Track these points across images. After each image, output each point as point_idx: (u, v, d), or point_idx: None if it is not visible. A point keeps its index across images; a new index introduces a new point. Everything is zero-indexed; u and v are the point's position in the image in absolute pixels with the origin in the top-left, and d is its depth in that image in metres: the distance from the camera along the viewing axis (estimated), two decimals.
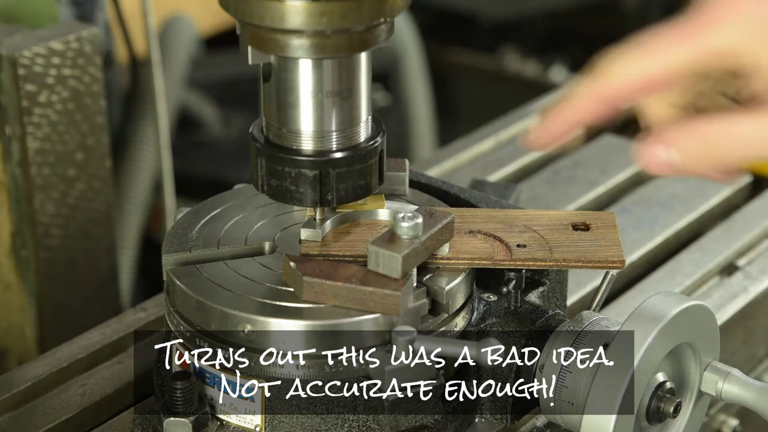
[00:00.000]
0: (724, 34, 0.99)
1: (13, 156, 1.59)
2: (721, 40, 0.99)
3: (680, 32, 1.00)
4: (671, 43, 1.00)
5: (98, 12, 2.05)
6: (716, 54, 1.00)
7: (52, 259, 1.63)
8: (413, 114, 2.84)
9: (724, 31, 0.99)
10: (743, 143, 1.01)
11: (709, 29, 0.99)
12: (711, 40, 0.99)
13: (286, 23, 1.10)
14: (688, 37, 1.00)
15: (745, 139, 1.00)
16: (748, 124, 1.00)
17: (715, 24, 0.99)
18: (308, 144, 1.16)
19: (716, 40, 0.99)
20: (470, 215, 1.25)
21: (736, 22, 0.98)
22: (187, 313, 1.17)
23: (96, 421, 1.27)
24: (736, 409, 1.48)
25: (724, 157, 1.02)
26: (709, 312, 1.18)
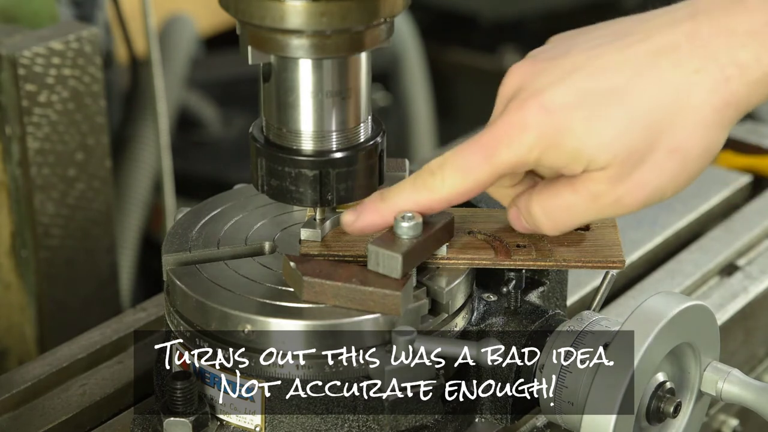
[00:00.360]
0: (522, 146, 1.09)
1: (13, 156, 1.59)
2: (520, 155, 1.10)
3: (487, 149, 1.11)
4: (480, 163, 1.11)
5: (98, 12, 2.04)
6: (518, 165, 1.11)
7: (52, 259, 1.63)
8: (413, 114, 2.84)
9: (521, 145, 1.09)
10: (566, 213, 1.13)
11: (509, 144, 1.10)
12: (510, 156, 1.10)
13: (286, 23, 1.10)
14: (494, 154, 1.11)
15: (566, 209, 1.13)
16: (565, 197, 1.12)
17: (513, 138, 1.10)
18: (308, 144, 1.16)
19: (515, 156, 1.10)
20: (470, 215, 1.25)
21: (530, 132, 1.09)
22: (187, 313, 1.17)
23: (96, 421, 1.27)
24: (736, 409, 1.48)
25: (554, 225, 1.14)
26: (709, 312, 1.18)
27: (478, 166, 1.11)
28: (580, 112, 1.08)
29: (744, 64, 1.07)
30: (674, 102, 1.08)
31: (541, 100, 1.09)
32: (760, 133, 1.77)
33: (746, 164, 1.72)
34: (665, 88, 1.08)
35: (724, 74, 1.07)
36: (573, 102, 1.08)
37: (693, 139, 1.09)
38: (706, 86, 1.07)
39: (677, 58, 1.08)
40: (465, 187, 1.13)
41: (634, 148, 1.08)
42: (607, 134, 1.08)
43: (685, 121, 1.08)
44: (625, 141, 1.08)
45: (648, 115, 1.08)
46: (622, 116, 1.08)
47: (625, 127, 1.08)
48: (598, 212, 1.12)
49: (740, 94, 1.08)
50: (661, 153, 1.09)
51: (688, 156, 1.09)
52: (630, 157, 1.08)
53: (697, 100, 1.08)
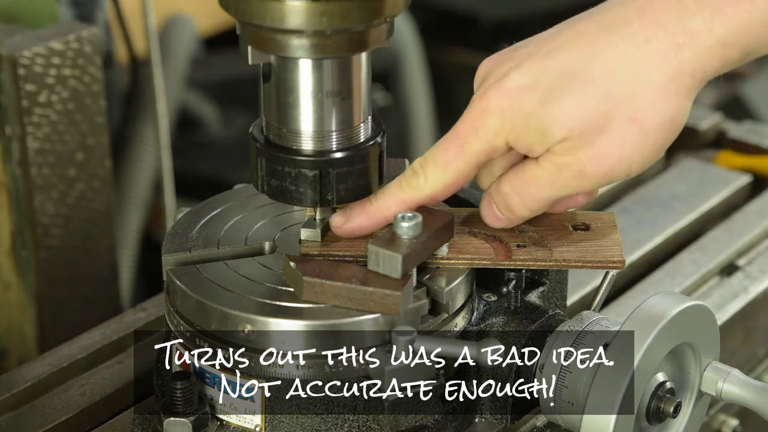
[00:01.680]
0: (488, 133, 1.13)
1: (13, 156, 1.59)
2: (490, 142, 1.14)
3: (459, 142, 1.15)
4: (455, 156, 1.15)
5: (98, 12, 2.04)
6: (491, 150, 1.15)
7: (52, 259, 1.63)
8: (413, 114, 2.83)
9: (487, 131, 1.13)
10: (532, 185, 1.15)
11: (476, 133, 1.14)
12: (482, 145, 1.14)
13: (286, 23, 1.10)
14: (465, 146, 1.15)
15: (532, 181, 1.15)
16: (531, 170, 1.15)
17: (478, 126, 1.14)
18: (308, 144, 1.16)
19: (486, 144, 1.14)
20: (470, 215, 1.25)
21: (492, 117, 1.13)
22: (187, 313, 1.17)
23: (96, 421, 1.27)
24: (736, 409, 1.48)
25: (522, 201, 1.17)
26: (709, 312, 1.18)
27: (454, 159, 1.15)
28: (536, 91, 1.12)
29: (695, 31, 1.10)
30: (627, 72, 1.11)
31: (500, 85, 1.13)
32: (760, 133, 1.77)
33: (746, 164, 1.72)
34: (617, 59, 1.11)
35: (676, 42, 1.10)
36: (529, 83, 1.12)
37: (649, 107, 1.11)
38: (658, 55, 1.10)
39: (628, 31, 1.11)
40: (446, 181, 1.16)
41: (591, 119, 1.11)
42: (563, 108, 1.11)
43: (640, 90, 1.11)
44: (581, 113, 1.11)
45: (601, 86, 1.11)
46: (575, 90, 1.11)
47: (579, 100, 1.11)
48: (563, 184, 1.14)
49: (694, 62, 1.10)
50: (619, 123, 1.11)
51: (647, 125, 1.11)
52: (588, 129, 1.11)
53: (650, 69, 1.10)
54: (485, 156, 1.15)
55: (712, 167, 1.71)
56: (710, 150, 1.77)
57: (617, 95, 1.11)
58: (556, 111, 1.11)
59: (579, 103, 1.11)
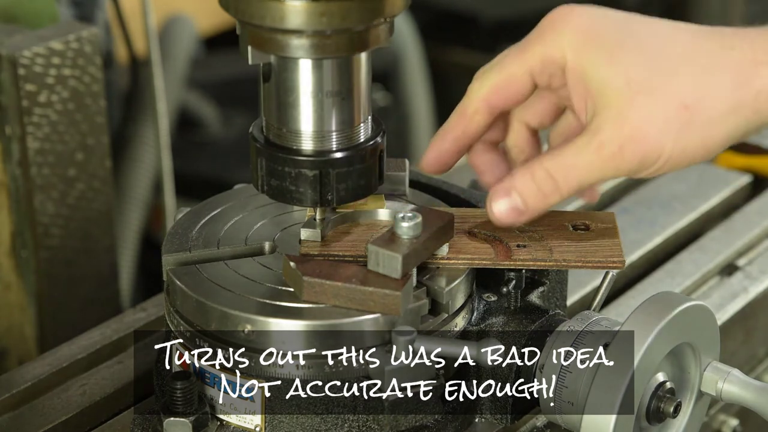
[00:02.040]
0: (553, 43, 1.12)
1: (13, 156, 1.59)
2: (550, 48, 1.13)
3: (522, 46, 1.15)
4: (513, 56, 1.15)
5: (98, 12, 2.04)
6: (548, 61, 1.13)
7: (52, 259, 1.63)
8: (413, 114, 2.84)
9: (553, 42, 1.12)
10: (577, 173, 1.12)
11: (542, 40, 1.13)
12: (542, 49, 1.13)
13: (286, 23, 1.10)
14: (526, 49, 1.14)
15: (578, 168, 1.12)
16: (576, 154, 1.12)
17: (548, 35, 1.13)
18: (308, 144, 1.16)
19: (547, 49, 1.13)
20: (470, 215, 1.25)
21: (565, 32, 1.12)
22: (187, 313, 1.17)
23: (96, 421, 1.27)
24: (736, 409, 1.48)
25: (561, 189, 1.13)
26: (709, 312, 1.18)
27: (511, 60, 1.15)
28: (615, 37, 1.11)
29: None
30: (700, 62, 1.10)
31: (588, 13, 1.13)
32: (761, 133, 1.77)
33: (746, 164, 1.72)
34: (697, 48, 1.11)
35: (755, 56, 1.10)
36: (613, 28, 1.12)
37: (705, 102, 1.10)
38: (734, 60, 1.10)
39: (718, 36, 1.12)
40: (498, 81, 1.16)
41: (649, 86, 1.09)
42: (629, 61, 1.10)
43: (704, 82, 1.10)
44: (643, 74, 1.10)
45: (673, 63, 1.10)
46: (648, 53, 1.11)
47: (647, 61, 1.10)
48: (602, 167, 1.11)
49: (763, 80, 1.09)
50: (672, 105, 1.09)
51: (694, 120, 1.10)
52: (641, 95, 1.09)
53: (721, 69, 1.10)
54: (541, 64, 1.13)
55: (712, 167, 1.71)
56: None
57: (682, 77, 1.09)
58: (624, 61, 1.10)
59: (646, 65, 1.09)
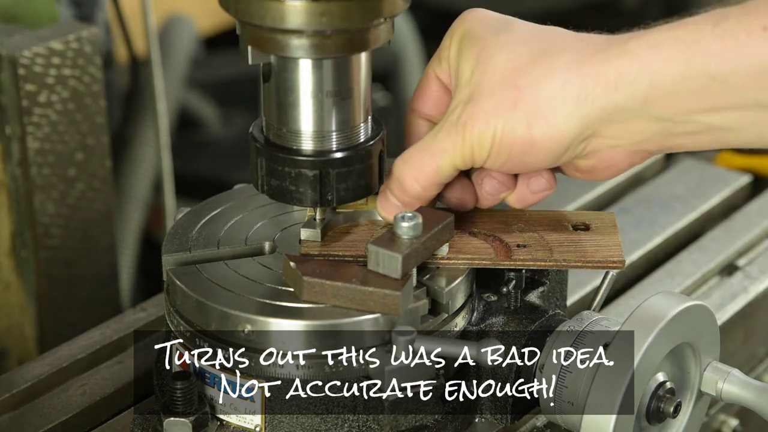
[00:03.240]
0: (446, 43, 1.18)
1: (13, 156, 1.59)
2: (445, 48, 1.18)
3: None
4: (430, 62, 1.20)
5: (98, 12, 2.04)
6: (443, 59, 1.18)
7: (52, 259, 1.63)
8: None
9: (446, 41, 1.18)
10: (442, 154, 1.15)
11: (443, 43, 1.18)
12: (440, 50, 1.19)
13: (286, 23, 1.10)
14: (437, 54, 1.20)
15: (433, 150, 1.16)
16: (433, 136, 1.16)
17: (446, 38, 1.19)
18: (308, 144, 1.16)
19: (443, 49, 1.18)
20: (470, 215, 1.25)
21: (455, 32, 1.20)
22: (187, 313, 1.17)
23: (96, 421, 1.27)
24: (736, 409, 1.48)
25: (433, 171, 1.16)
26: (709, 312, 1.18)
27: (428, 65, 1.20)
28: (487, 33, 1.18)
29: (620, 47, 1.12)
30: (548, 50, 1.16)
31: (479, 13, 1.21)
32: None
33: (746, 164, 1.72)
34: (551, 38, 1.20)
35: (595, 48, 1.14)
36: (490, 28, 1.19)
37: (535, 85, 1.12)
38: (577, 51, 1.15)
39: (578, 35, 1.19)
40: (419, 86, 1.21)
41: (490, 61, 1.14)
42: (486, 53, 1.15)
43: (542, 68, 1.13)
44: (489, 55, 1.15)
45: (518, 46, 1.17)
46: (502, 44, 1.16)
47: (515, 52, 1.16)
48: (444, 140, 1.15)
49: (599, 73, 1.11)
50: (506, 85, 1.13)
51: (527, 98, 1.12)
52: (482, 69, 1.14)
53: (563, 60, 1.14)
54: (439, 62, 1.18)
55: (712, 167, 1.71)
56: (710, 150, 1.77)
57: (521, 59, 1.14)
58: (486, 50, 1.15)
59: (496, 50, 1.15)
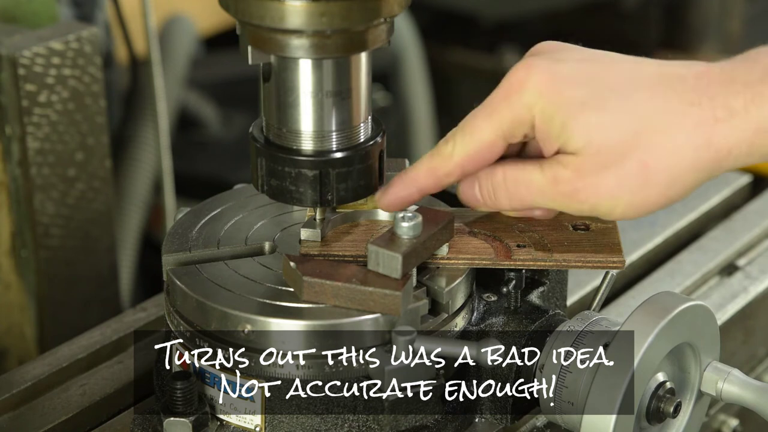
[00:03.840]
0: (520, 105, 1.13)
1: (13, 156, 1.59)
2: (518, 111, 1.13)
3: (490, 110, 1.15)
4: (483, 122, 1.15)
5: (98, 12, 2.04)
6: (516, 123, 1.14)
7: (52, 259, 1.63)
8: (413, 114, 2.83)
9: (519, 104, 1.13)
10: (524, 188, 1.15)
11: (509, 103, 1.13)
12: (510, 113, 1.14)
13: (286, 23, 1.10)
14: (494, 114, 1.14)
15: (526, 184, 1.15)
16: (530, 172, 1.14)
17: (513, 97, 1.13)
18: (308, 144, 1.16)
19: (514, 113, 1.13)
20: (470, 215, 1.25)
21: (529, 93, 1.12)
22: (187, 313, 1.17)
23: (96, 421, 1.27)
24: (736, 409, 1.48)
25: (509, 196, 1.16)
26: (709, 312, 1.18)
27: (481, 126, 1.15)
28: (581, 91, 1.11)
29: (733, 109, 1.09)
30: (663, 122, 1.10)
31: (550, 66, 1.13)
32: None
33: None
34: (661, 106, 1.11)
35: (714, 114, 1.10)
36: (578, 80, 1.12)
37: (664, 162, 1.11)
38: (695, 119, 1.10)
39: (681, 87, 1.11)
40: (472, 149, 1.15)
41: (612, 145, 1.10)
42: (595, 120, 1.11)
43: (665, 143, 1.10)
44: (608, 134, 1.10)
45: (637, 122, 1.10)
46: (614, 111, 1.11)
47: (613, 121, 1.11)
48: (552, 198, 1.14)
49: (723, 139, 1.10)
50: (632, 162, 1.11)
51: (653, 178, 1.11)
52: (603, 152, 1.11)
53: (682, 129, 1.10)
54: (510, 127, 1.14)
55: None
56: None
57: (644, 137, 1.10)
58: (589, 119, 1.10)
59: (610, 124, 1.10)
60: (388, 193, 1.19)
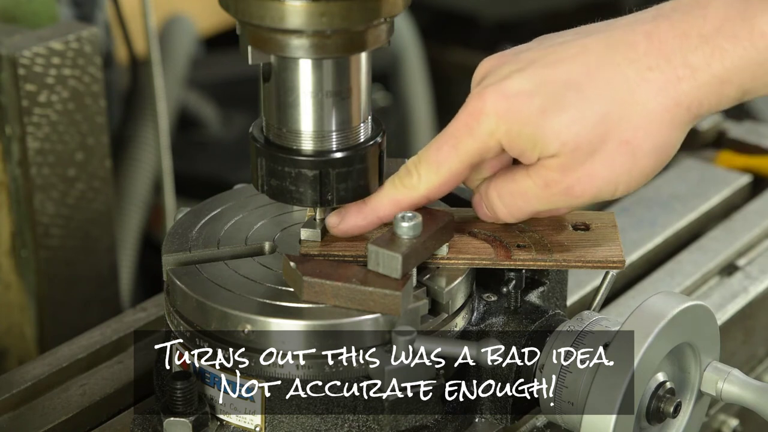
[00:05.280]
0: (483, 134, 1.13)
1: (13, 156, 1.59)
2: (481, 140, 1.14)
3: (453, 141, 1.15)
4: (448, 155, 1.15)
5: (98, 12, 2.04)
6: (483, 151, 1.14)
7: (52, 259, 1.63)
8: (413, 114, 2.83)
9: (482, 132, 1.13)
10: (520, 199, 1.16)
11: (470, 133, 1.14)
12: (473, 143, 1.14)
13: (286, 23, 1.10)
14: (459, 146, 1.15)
15: (520, 195, 1.16)
16: (520, 183, 1.15)
17: (474, 127, 1.13)
18: (308, 144, 1.16)
19: (478, 142, 1.14)
20: (470, 215, 1.25)
21: (489, 121, 1.13)
22: (187, 313, 1.17)
23: (96, 421, 1.27)
24: (736, 409, 1.48)
25: (508, 210, 1.17)
26: (709, 312, 1.18)
27: (447, 158, 1.16)
28: (536, 99, 1.12)
29: (694, 65, 1.10)
30: (626, 96, 1.11)
31: (499, 87, 1.13)
32: (760, 133, 1.77)
33: (746, 164, 1.72)
34: (619, 81, 1.11)
35: (676, 74, 1.10)
36: (530, 89, 1.12)
37: (643, 133, 1.11)
38: (658, 84, 1.11)
39: (633, 55, 1.12)
40: (440, 180, 1.16)
41: (586, 137, 1.11)
42: (560, 122, 1.11)
43: (636, 116, 1.11)
44: (578, 129, 1.11)
45: (601, 107, 1.11)
46: (575, 105, 1.11)
47: (578, 116, 1.11)
48: (549, 200, 1.15)
49: (691, 95, 1.11)
50: (612, 144, 1.11)
51: (638, 150, 1.12)
52: (581, 147, 1.11)
53: (648, 97, 1.11)
54: (478, 156, 1.15)
55: (712, 167, 1.71)
56: (710, 150, 1.77)
57: (614, 117, 1.11)
58: (554, 123, 1.11)
59: (576, 120, 1.11)
60: (345, 221, 1.19)
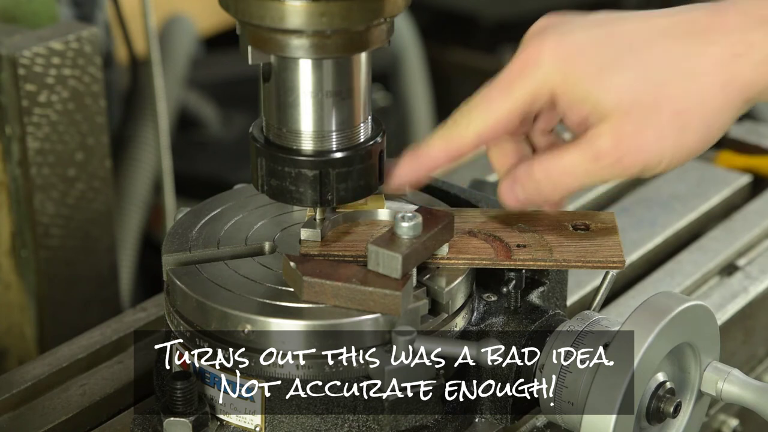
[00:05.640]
0: (537, 78, 1.13)
1: (13, 156, 1.59)
2: (535, 84, 1.13)
3: (505, 84, 1.14)
4: (499, 97, 1.14)
5: (98, 12, 2.05)
6: (536, 97, 1.13)
7: (52, 259, 1.63)
8: (413, 114, 2.84)
9: (536, 76, 1.13)
10: (568, 175, 1.14)
11: (524, 76, 1.13)
12: (527, 87, 1.13)
13: (286, 23, 1.10)
14: (511, 89, 1.14)
15: (569, 171, 1.14)
16: (568, 158, 1.14)
17: (529, 70, 1.13)
18: (308, 144, 1.16)
19: (532, 86, 1.13)
20: (470, 215, 1.25)
21: (546, 65, 1.12)
22: (187, 313, 1.17)
23: (96, 421, 1.27)
24: (736, 409, 1.48)
25: (554, 188, 1.16)
26: (709, 312, 1.18)
27: (498, 102, 1.14)
28: (596, 56, 1.11)
29: (752, 42, 1.10)
30: (684, 67, 1.11)
31: (560, 38, 1.12)
32: (760, 133, 1.77)
33: (746, 164, 1.72)
34: (678, 52, 1.11)
35: (734, 50, 1.10)
36: (591, 45, 1.12)
37: (695, 106, 1.11)
38: (715, 58, 1.11)
39: (694, 29, 1.12)
40: (488, 125, 1.15)
41: (640, 101, 1.11)
42: (618, 81, 1.11)
43: (691, 88, 1.11)
44: (634, 91, 1.11)
45: (658, 74, 1.11)
46: (634, 68, 1.11)
47: (635, 78, 1.11)
48: (598, 173, 1.14)
49: (746, 74, 1.10)
50: (665, 114, 1.11)
51: (689, 124, 1.11)
52: (634, 110, 1.11)
53: (706, 69, 1.11)
54: (529, 102, 1.14)
55: (712, 167, 1.71)
56: (710, 150, 1.77)
57: (670, 86, 1.11)
58: (612, 81, 1.11)
59: (633, 81, 1.11)
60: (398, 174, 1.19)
